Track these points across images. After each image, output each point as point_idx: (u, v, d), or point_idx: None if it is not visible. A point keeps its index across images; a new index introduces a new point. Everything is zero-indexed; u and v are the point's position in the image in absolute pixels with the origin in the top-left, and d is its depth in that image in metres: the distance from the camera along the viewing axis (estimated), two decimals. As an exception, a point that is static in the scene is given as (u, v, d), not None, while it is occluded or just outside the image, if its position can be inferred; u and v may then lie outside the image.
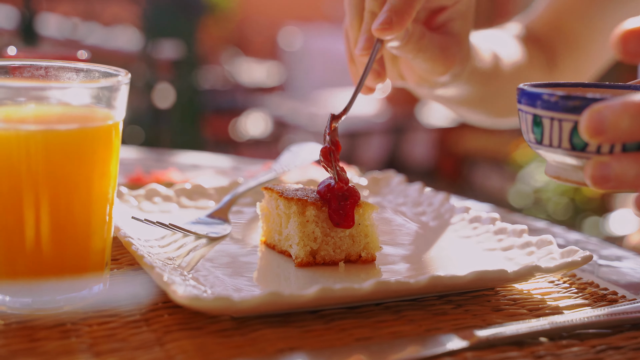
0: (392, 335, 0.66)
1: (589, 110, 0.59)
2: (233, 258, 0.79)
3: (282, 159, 1.07)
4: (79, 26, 3.06)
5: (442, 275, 0.68)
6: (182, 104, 2.92)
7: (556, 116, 0.64)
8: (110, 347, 0.62)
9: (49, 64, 0.73)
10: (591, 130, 0.59)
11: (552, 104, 0.64)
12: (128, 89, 0.72)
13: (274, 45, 6.15)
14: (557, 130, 0.65)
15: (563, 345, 0.65)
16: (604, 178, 0.60)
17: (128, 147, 1.50)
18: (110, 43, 3.00)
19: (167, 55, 2.91)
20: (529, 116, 0.67)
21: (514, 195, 4.23)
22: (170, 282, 0.65)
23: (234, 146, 5.27)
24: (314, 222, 0.78)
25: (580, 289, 0.77)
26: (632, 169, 0.59)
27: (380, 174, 1.04)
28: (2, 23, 3.02)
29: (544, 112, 0.65)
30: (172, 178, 1.10)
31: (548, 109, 0.65)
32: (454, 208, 0.92)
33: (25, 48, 2.38)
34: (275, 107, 5.23)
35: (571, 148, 0.64)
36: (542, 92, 0.65)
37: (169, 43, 2.90)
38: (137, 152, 1.44)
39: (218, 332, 0.65)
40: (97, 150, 0.68)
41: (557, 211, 4.03)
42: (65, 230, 0.67)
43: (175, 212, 0.92)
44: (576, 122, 0.63)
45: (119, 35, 3.12)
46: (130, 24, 3.27)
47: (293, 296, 0.64)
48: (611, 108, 0.58)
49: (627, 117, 0.58)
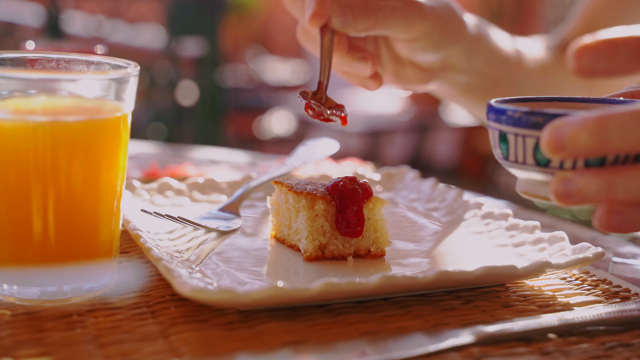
0: (398, 330, 0.66)
1: (549, 127, 0.59)
2: (242, 252, 0.79)
3: (296, 153, 1.07)
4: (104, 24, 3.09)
5: (450, 271, 0.68)
6: (205, 102, 2.93)
7: (520, 132, 0.64)
8: (114, 339, 0.62)
9: (60, 57, 0.73)
10: (551, 146, 0.59)
11: (516, 119, 0.64)
12: (137, 81, 0.72)
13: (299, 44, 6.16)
14: (521, 146, 0.64)
15: (572, 342, 0.64)
16: (566, 194, 0.59)
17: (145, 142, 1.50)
18: (134, 40, 3.02)
19: (190, 52, 2.92)
20: (496, 132, 0.67)
21: (539, 194, 4.19)
22: (175, 275, 0.65)
23: (258, 144, 5.28)
24: (322, 216, 0.78)
25: (592, 286, 0.76)
26: (593, 184, 0.59)
27: (394, 170, 1.04)
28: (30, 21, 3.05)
29: (508, 128, 0.65)
30: (187, 172, 1.10)
31: (512, 124, 0.65)
32: (466, 204, 0.91)
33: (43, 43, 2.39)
34: (299, 106, 5.24)
35: (535, 164, 0.64)
36: (507, 108, 0.65)
37: (193, 41, 2.91)
38: (154, 147, 1.45)
39: (223, 324, 0.65)
40: (105, 142, 0.68)
41: (582, 210, 3.99)
42: (73, 222, 0.67)
43: (187, 206, 0.93)
44: (538, 138, 0.63)
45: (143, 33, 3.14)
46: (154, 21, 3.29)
47: (297, 290, 0.63)
48: (570, 124, 0.58)
49: (585, 133, 0.57)
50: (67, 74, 0.72)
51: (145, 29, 3.23)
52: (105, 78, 0.69)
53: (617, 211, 0.59)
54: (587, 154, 0.59)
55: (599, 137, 0.57)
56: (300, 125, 5.29)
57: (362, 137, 5.02)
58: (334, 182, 0.79)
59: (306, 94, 0.83)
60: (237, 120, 5.29)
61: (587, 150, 0.58)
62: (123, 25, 3.13)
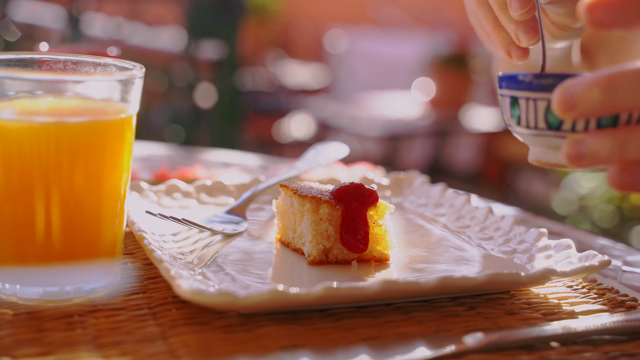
0: (399, 336, 0.65)
1: (560, 87, 0.59)
2: (246, 255, 0.79)
3: (306, 157, 1.07)
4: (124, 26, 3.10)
5: (453, 277, 0.67)
6: (223, 105, 2.93)
7: (531, 96, 0.65)
8: (113, 340, 0.62)
9: (67, 58, 0.73)
10: (562, 106, 0.58)
11: (527, 84, 0.65)
12: (142, 83, 0.72)
13: (319, 48, 6.16)
14: (532, 110, 0.65)
15: (575, 350, 0.64)
16: (579, 155, 0.59)
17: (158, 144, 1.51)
18: (153, 43, 3.03)
19: (209, 55, 2.93)
20: (507, 99, 0.67)
21: (558, 202, 4.17)
22: (176, 276, 0.65)
23: (278, 148, 5.29)
24: (327, 220, 0.77)
25: (599, 295, 0.75)
26: (606, 144, 0.58)
27: (403, 175, 1.03)
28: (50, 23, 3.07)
29: (520, 93, 0.66)
30: (197, 175, 1.10)
31: (523, 89, 0.65)
32: (475, 210, 0.90)
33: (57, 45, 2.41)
34: (319, 109, 5.23)
35: (547, 127, 0.64)
36: (518, 74, 0.66)
37: (212, 43, 2.92)
38: (167, 149, 1.45)
39: (223, 327, 0.65)
40: (108, 143, 0.68)
41: (603, 219, 3.95)
42: (76, 222, 0.67)
43: (194, 208, 0.93)
44: (549, 100, 0.63)
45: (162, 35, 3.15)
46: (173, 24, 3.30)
47: (298, 294, 0.63)
48: (581, 82, 0.58)
49: (597, 90, 0.57)
50: (73, 75, 0.72)
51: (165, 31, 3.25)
52: (110, 80, 0.69)
53: (630, 170, 0.58)
54: (598, 112, 0.58)
55: (610, 94, 0.57)
56: (319, 128, 5.29)
57: (381, 142, 5.01)
58: (339, 186, 0.79)
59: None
60: (256, 124, 5.30)
61: (598, 107, 0.58)
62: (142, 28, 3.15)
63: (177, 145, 1.55)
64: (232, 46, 2.89)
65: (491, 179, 5.66)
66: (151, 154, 1.37)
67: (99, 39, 2.91)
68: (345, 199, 0.77)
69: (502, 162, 5.52)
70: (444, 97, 5.16)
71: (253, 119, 5.27)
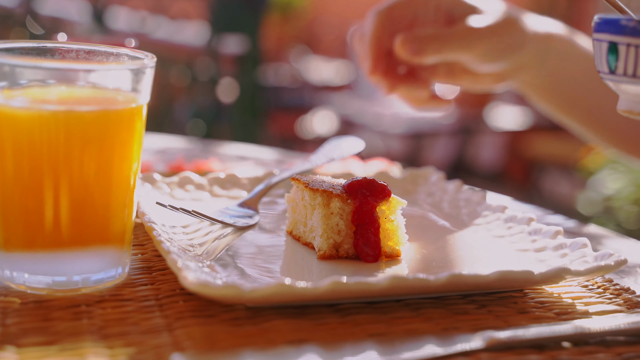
0: (407, 333, 0.64)
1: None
2: (257, 248, 0.78)
3: (321, 151, 1.06)
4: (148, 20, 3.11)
5: (463, 274, 0.66)
6: (245, 100, 2.93)
7: (633, 42, 0.61)
8: (119, 331, 0.62)
9: (80, 47, 0.73)
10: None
11: (630, 29, 0.61)
12: (153, 73, 0.71)
13: (344, 45, 6.15)
14: (632, 58, 0.61)
15: (587, 351, 0.62)
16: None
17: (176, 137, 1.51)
18: (176, 37, 3.04)
19: (232, 50, 2.93)
20: (604, 44, 0.64)
21: (584, 202, 4.12)
22: (183, 268, 0.65)
23: (300, 144, 5.28)
24: (338, 214, 0.77)
25: (615, 295, 0.74)
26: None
27: (419, 171, 1.02)
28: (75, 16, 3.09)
29: (620, 38, 0.62)
30: (212, 167, 1.10)
31: (625, 34, 0.62)
32: (490, 207, 0.89)
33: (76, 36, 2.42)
34: (342, 106, 5.22)
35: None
36: (620, 18, 0.62)
37: (235, 38, 2.92)
38: (184, 142, 1.45)
39: (230, 320, 0.64)
40: (118, 133, 0.68)
41: (629, 220, 3.90)
42: (84, 212, 0.67)
43: (207, 200, 0.92)
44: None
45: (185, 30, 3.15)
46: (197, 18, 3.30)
47: (305, 289, 0.62)
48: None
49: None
50: (84, 64, 0.71)
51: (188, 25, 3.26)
52: (121, 69, 0.69)
53: None
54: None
55: None
56: (342, 125, 5.28)
57: (404, 139, 4.99)
58: (351, 180, 0.78)
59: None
60: (279, 120, 5.30)
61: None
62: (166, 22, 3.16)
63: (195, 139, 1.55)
64: (254, 41, 2.89)
65: (515, 179, 5.61)
66: (169, 147, 1.37)
67: (122, 33, 2.92)
68: (357, 194, 0.76)
69: (527, 161, 5.47)
70: (468, 95, 5.13)
71: (276, 115, 5.27)
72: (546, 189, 5.40)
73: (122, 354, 0.58)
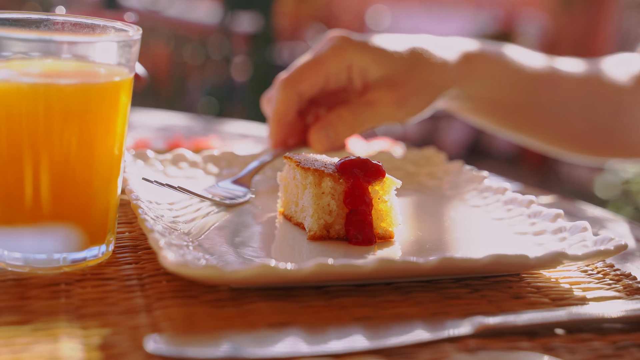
0: (394, 317, 0.62)
1: None
2: (246, 227, 0.76)
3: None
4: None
5: (454, 257, 0.63)
6: (258, 78, 2.90)
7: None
8: (96, 311, 0.60)
9: (66, 19, 0.71)
10: None
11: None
12: (139, 46, 0.69)
13: (362, 24, 6.09)
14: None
15: (580, 339, 0.60)
16: None
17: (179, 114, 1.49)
18: (189, 15, 3.01)
19: (245, 28, 2.90)
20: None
21: (601, 186, 4.07)
22: (164, 247, 0.62)
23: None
24: (329, 194, 0.74)
25: (614, 281, 0.71)
26: None
27: (421, 151, 0.99)
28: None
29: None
30: (211, 145, 1.08)
31: None
32: (490, 188, 0.86)
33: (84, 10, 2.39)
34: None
35: None
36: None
37: (248, 16, 2.89)
38: (186, 119, 1.43)
39: (212, 302, 0.62)
40: (100, 107, 0.66)
41: (646, 204, 3.85)
42: (65, 188, 0.65)
43: (201, 178, 0.90)
44: None
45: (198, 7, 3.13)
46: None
47: (289, 270, 0.60)
48: None
49: None
50: (66, 35, 0.69)
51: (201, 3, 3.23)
52: (104, 40, 0.67)
53: None
54: None
55: None
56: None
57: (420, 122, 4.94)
58: (344, 159, 0.75)
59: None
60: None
61: None
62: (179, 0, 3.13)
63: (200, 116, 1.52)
64: (267, 19, 2.86)
65: (532, 162, 5.56)
66: (171, 124, 1.35)
67: (135, 10, 2.90)
68: (350, 173, 0.74)
69: (545, 144, 5.41)
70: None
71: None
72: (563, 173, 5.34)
73: (95, 335, 0.56)
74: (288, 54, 5.20)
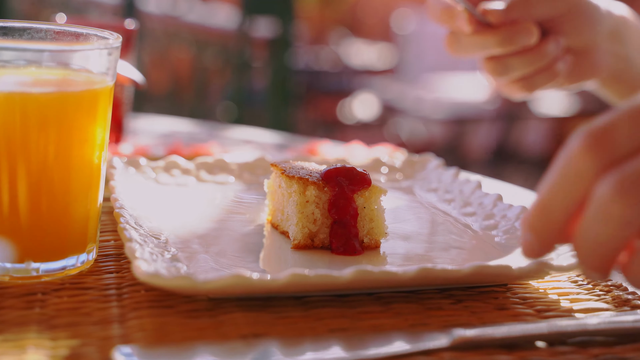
0: (371, 328, 0.61)
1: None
2: (231, 236, 0.76)
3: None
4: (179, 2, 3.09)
5: (434, 268, 0.62)
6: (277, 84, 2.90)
7: None
8: (68, 321, 0.59)
9: (49, 27, 0.71)
10: None
11: None
12: (118, 54, 0.69)
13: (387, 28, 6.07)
14: None
15: (560, 352, 0.58)
16: None
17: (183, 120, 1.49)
18: (209, 20, 3.02)
19: (264, 33, 2.90)
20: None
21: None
22: (139, 257, 0.62)
23: (341, 129, 5.24)
24: (314, 203, 0.73)
25: (604, 292, 0.69)
26: None
27: (418, 157, 0.98)
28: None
29: None
30: (210, 151, 1.07)
31: None
32: (485, 196, 0.84)
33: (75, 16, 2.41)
34: (383, 90, 5.16)
35: None
36: None
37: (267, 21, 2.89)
38: (191, 126, 1.43)
39: (188, 312, 0.62)
40: (77, 116, 0.65)
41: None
42: (43, 197, 0.65)
43: (192, 185, 0.89)
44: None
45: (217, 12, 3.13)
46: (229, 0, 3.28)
47: (262, 280, 0.59)
48: None
49: None
50: (50, 44, 0.69)
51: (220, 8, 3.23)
52: (80, 49, 0.66)
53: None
54: None
55: None
56: (384, 110, 5.22)
57: (446, 125, 4.91)
58: (328, 168, 0.74)
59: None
60: (319, 104, 5.26)
61: None
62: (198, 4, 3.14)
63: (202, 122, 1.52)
64: (287, 24, 2.85)
65: (561, 165, 5.47)
66: (174, 130, 1.35)
67: (153, 15, 2.91)
68: (334, 181, 0.73)
69: (573, 148, 5.33)
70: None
71: (316, 99, 5.23)
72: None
73: (63, 346, 0.56)
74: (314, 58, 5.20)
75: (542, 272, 0.65)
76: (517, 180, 4.85)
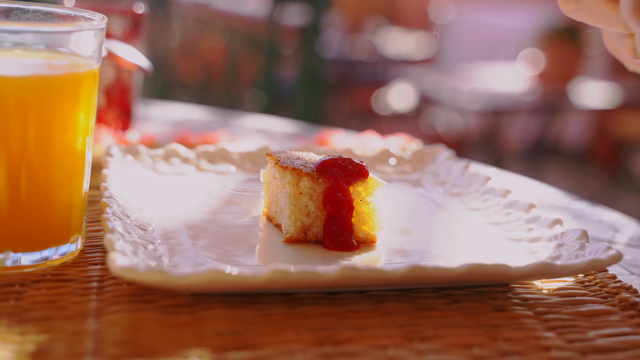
0: (356, 328, 0.57)
1: None
2: (223, 228, 0.73)
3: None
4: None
5: (425, 266, 0.59)
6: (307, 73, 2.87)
7: None
8: (41, 315, 0.57)
9: (36, 9, 0.69)
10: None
11: None
12: (103, 36, 0.66)
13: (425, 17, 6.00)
14: None
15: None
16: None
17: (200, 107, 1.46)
18: (238, 7, 2.99)
19: (294, 21, 2.86)
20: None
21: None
22: (118, 249, 0.59)
23: (376, 119, 5.18)
24: (308, 195, 0.70)
25: (611, 294, 0.65)
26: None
27: (428, 148, 0.94)
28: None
29: None
30: (218, 140, 1.05)
31: None
32: (491, 191, 0.81)
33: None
34: (420, 81, 5.09)
35: None
36: None
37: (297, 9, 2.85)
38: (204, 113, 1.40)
39: (167, 307, 0.59)
40: (59, 100, 0.63)
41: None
42: (23, 185, 0.63)
43: (192, 175, 0.87)
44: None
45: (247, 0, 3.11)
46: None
47: (242, 277, 0.56)
48: None
49: None
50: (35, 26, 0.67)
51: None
52: (57, 31, 0.64)
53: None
54: None
55: None
56: (420, 101, 5.15)
57: (482, 116, 4.82)
58: (324, 159, 0.71)
59: None
60: (355, 94, 5.21)
61: None
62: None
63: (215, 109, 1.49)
64: (318, 12, 2.81)
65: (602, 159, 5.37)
66: (188, 118, 1.32)
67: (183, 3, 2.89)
68: (329, 173, 0.70)
69: (615, 141, 5.23)
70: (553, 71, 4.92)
71: (351, 89, 5.18)
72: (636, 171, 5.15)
73: (31, 342, 0.53)
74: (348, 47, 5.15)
75: (542, 272, 0.61)
76: (557, 175, 4.76)
